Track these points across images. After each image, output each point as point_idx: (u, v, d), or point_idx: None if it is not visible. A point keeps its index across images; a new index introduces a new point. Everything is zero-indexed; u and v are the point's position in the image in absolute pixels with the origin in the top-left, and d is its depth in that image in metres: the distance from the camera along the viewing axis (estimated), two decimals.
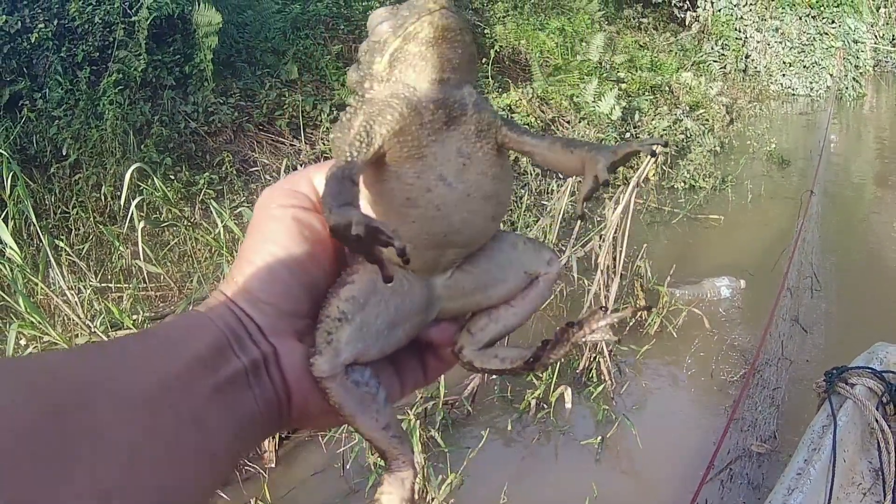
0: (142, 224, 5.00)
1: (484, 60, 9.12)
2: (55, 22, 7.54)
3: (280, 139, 7.63)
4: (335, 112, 7.76)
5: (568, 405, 4.44)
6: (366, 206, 0.63)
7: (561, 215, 5.71)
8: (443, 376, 4.04)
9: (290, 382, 0.61)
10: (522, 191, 6.82)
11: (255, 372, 0.59)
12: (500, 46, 9.32)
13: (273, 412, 0.61)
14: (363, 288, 0.63)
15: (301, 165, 6.42)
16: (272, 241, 0.62)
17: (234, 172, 7.08)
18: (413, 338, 0.68)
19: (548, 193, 7.15)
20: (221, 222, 4.97)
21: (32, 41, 7.38)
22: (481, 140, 0.63)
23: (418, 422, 3.94)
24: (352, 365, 0.62)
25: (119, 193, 6.17)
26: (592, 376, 4.68)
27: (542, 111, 8.40)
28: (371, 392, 0.64)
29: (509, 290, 0.70)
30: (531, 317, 0.72)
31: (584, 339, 0.68)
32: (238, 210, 5.73)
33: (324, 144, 7.37)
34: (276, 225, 0.63)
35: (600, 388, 4.50)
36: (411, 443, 0.63)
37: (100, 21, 7.56)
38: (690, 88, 11.51)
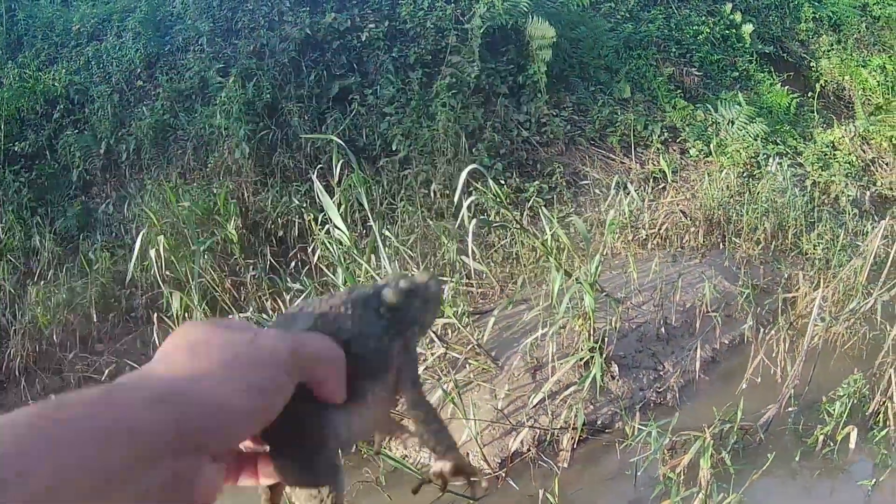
0: (473, 222, 5.03)
1: (809, 94, 8.84)
2: (386, 23, 7.92)
3: (611, 155, 7.64)
4: (665, 133, 7.78)
5: (852, 445, 4.35)
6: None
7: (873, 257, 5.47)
8: (742, 401, 4.23)
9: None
10: (839, 230, 6.56)
11: None
12: (826, 81, 9.01)
13: None
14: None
15: (630, 184, 6.65)
16: (260, 384, 0.55)
17: (564, 183, 7.18)
18: None
19: (863, 235, 6.81)
20: (551, 229, 5.18)
21: (363, 39, 7.78)
22: None
23: (711, 441, 4.09)
24: None
25: (448, 192, 6.40)
26: (879, 420, 4.58)
27: (864, 150, 8.00)
28: None
29: None
30: None
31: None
32: (567, 220, 5.87)
33: (653, 165, 7.40)
34: (270, 373, 0.56)
35: (884, 433, 4.42)
36: None
37: (432, 26, 7.87)
38: None
